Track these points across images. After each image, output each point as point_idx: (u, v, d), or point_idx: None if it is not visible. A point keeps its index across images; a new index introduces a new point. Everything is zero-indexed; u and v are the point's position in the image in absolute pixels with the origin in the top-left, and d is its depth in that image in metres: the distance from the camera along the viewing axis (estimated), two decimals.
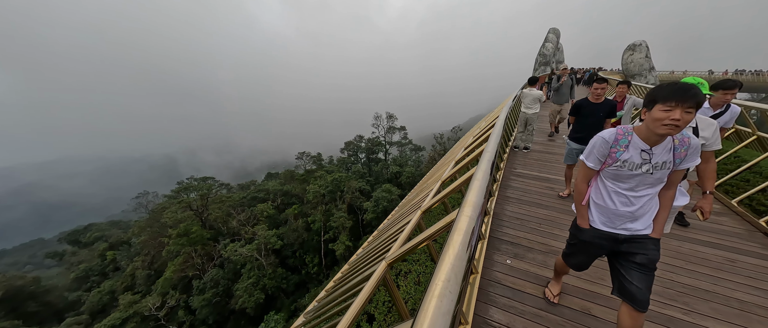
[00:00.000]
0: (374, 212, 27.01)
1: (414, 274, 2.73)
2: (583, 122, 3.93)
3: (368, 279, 1.65)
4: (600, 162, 1.72)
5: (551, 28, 32.25)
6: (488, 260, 2.95)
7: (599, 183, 1.80)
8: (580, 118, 3.98)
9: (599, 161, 1.72)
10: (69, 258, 40.63)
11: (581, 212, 1.89)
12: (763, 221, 3.55)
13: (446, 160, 6.92)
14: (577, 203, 1.92)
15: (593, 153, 1.73)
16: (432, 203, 2.38)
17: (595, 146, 1.71)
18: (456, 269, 0.82)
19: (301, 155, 43.13)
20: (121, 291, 26.73)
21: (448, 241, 0.97)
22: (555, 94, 7.76)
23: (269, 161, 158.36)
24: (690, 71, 40.21)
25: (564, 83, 7.50)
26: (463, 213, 1.15)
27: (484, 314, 2.34)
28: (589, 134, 3.68)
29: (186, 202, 30.16)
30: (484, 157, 1.87)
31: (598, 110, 3.82)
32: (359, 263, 2.73)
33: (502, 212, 3.90)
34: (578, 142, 3.95)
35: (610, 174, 1.69)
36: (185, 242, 24.86)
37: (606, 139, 1.66)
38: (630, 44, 28.56)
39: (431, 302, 0.71)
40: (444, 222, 1.44)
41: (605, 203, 1.74)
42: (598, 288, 2.56)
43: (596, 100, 3.83)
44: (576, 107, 3.99)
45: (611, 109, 3.82)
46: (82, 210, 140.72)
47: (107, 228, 48.27)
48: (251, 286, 22.20)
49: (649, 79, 26.92)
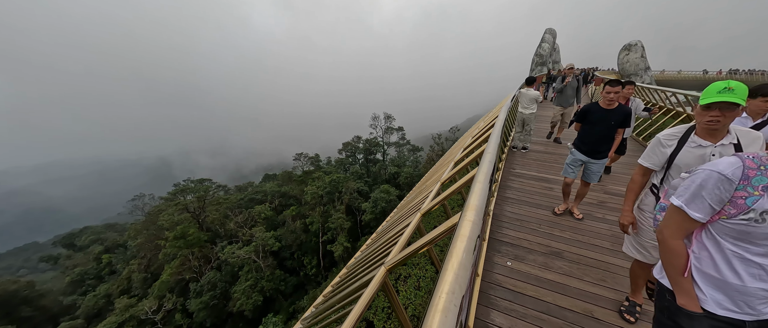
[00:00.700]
0: (373, 212, 26.93)
1: (414, 278, 2.68)
2: (590, 131, 3.36)
3: (367, 285, 1.60)
4: (712, 211, 1.14)
5: (547, 29, 32.41)
6: (489, 262, 2.91)
7: (707, 241, 1.19)
8: (588, 125, 3.38)
9: (712, 210, 1.14)
10: (64, 262, 40.14)
11: (683, 287, 1.23)
12: None
13: (445, 160, 6.88)
14: (671, 270, 1.27)
15: (702, 196, 1.14)
16: (432, 205, 2.33)
17: (707, 185, 1.13)
18: (460, 280, 0.78)
19: (299, 156, 42.96)
20: (117, 295, 26.43)
21: (450, 248, 0.92)
22: (558, 96, 6.87)
23: (265, 163, 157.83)
24: (685, 71, 40.58)
25: (569, 84, 6.64)
26: (465, 218, 1.10)
27: (486, 318, 2.29)
28: (598, 146, 3.34)
29: (183, 204, 29.91)
30: (485, 158, 1.82)
31: (609, 118, 3.24)
32: (357, 267, 2.67)
33: (501, 213, 3.87)
34: (585, 153, 3.43)
35: (732, 231, 1.11)
36: (182, 245, 24.64)
37: (727, 177, 1.09)
38: (625, 44, 28.80)
39: (435, 317, 0.67)
40: (445, 226, 1.39)
41: (721, 274, 1.14)
42: (600, 290, 2.53)
43: (608, 105, 3.23)
44: (582, 113, 3.40)
45: (625, 117, 3.22)
46: (77, 213, 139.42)
47: (103, 231, 47.80)
48: (249, 288, 22.04)
49: (644, 79, 27.13)
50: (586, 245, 3.17)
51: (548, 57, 30.74)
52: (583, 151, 3.44)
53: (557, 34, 32.91)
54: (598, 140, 3.35)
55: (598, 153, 3.38)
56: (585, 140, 3.42)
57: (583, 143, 3.44)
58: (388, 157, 43.69)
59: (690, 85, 38.55)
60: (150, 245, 28.98)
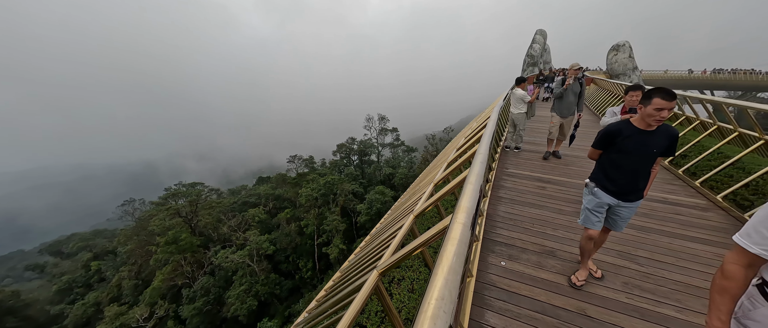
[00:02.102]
0: (368, 214, 26.88)
1: (407, 281, 2.66)
2: (621, 162, 2.28)
3: (359, 289, 1.57)
4: None
5: (538, 30, 32.87)
6: (483, 262, 2.91)
7: None
8: (616, 154, 2.29)
9: None
10: (51, 270, 39.08)
11: None
12: (748, 215, 3.63)
13: (439, 161, 6.90)
14: None
15: None
16: (425, 207, 2.32)
17: None
18: (450, 285, 0.76)
19: (293, 159, 42.69)
20: (106, 303, 25.80)
21: (441, 252, 0.90)
22: (557, 103, 5.70)
23: (254, 168, 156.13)
24: (671, 71, 41.59)
25: (569, 88, 5.48)
26: (456, 220, 1.09)
27: (480, 318, 2.29)
28: (633, 183, 2.29)
29: (174, 208, 29.39)
30: (476, 159, 1.82)
31: (649, 143, 2.16)
32: (351, 271, 2.65)
33: (495, 213, 3.88)
34: (613, 194, 2.36)
35: None
36: (174, 250, 24.20)
37: None
38: (614, 45, 29.37)
39: (424, 324, 0.65)
40: (437, 228, 1.38)
41: None
42: (593, 288, 2.55)
43: (648, 126, 2.14)
44: (608, 136, 2.31)
45: (671, 142, 2.16)
46: (64, 220, 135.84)
47: (91, 238, 46.67)
48: (243, 293, 21.75)
49: (632, 79, 27.71)
50: (578, 243, 3.19)
51: (539, 58, 31.17)
52: (611, 191, 2.36)
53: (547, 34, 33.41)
54: (632, 175, 2.27)
55: (632, 193, 2.32)
56: (613, 175, 2.34)
57: (610, 180, 2.35)
58: (382, 159, 43.70)
59: (676, 85, 39.52)
60: (141, 251, 28.40)
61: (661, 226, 3.56)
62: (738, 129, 5.15)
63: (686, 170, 5.17)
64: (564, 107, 5.63)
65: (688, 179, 4.99)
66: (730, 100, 5.03)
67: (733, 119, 5.17)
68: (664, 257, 2.97)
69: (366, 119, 43.76)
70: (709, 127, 6.13)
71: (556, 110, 5.74)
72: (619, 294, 2.48)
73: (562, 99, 5.62)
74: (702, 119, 6.64)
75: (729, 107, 5.07)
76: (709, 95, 8.06)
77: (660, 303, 2.39)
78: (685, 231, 3.43)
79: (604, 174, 2.42)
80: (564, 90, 5.56)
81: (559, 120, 5.70)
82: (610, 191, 2.37)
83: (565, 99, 5.59)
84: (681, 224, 3.59)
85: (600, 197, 2.42)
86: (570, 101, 5.57)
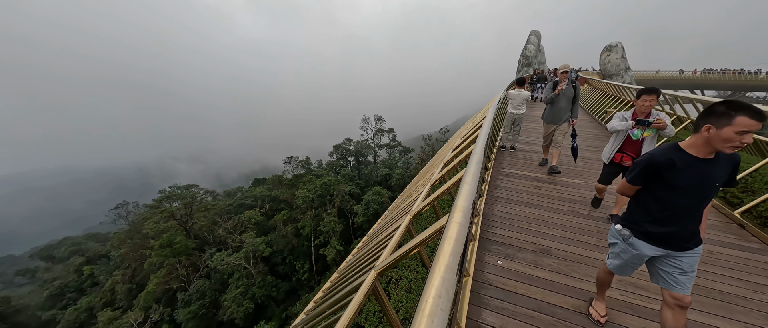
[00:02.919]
0: (365, 215, 26.86)
1: (405, 281, 2.67)
2: (672, 201, 1.72)
3: (357, 290, 1.58)
4: None
5: (532, 31, 33.24)
6: (479, 261, 2.93)
7: None
8: (665, 191, 1.73)
9: None
10: (42, 275, 38.31)
11: None
12: (737, 212, 3.70)
13: (435, 161, 6.93)
14: None
15: None
16: (422, 207, 2.33)
17: None
18: (447, 283, 0.77)
19: (289, 160, 42.50)
20: (100, 308, 25.37)
21: (438, 252, 0.92)
22: (549, 110, 5.17)
23: (247, 171, 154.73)
24: (662, 71, 42.27)
25: (562, 93, 4.92)
26: (453, 219, 1.10)
27: (477, 317, 2.30)
28: (688, 226, 1.73)
29: (169, 211, 29.08)
30: (472, 159, 1.83)
31: (711, 176, 1.66)
32: (348, 271, 2.65)
33: (491, 213, 3.91)
34: (661, 242, 1.79)
35: None
36: (169, 253, 23.92)
37: None
38: (606, 45, 29.79)
39: (421, 322, 0.66)
40: (434, 228, 1.39)
41: None
42: (589, 286, 2.58)
43: (709, 154, 1.63)
44: (654, 168, 1.73)
45: (734, 168, 1.71)
46: (55, 224, 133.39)
47: (83, 242, 45.89)
48: (240, 296, 21.57)
49: (625, 79, 28.12)
50: (573, 241, 3.23)
51: (534, 58, 31.49)
52: (656, 239, 1.78)
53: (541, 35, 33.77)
54: (687, 217, 1.72)
55: (688, 240, 1.76)
56: (659, 219, 1.76)
57: (656, 225, 1.77)
58: (379, 159, 43.72)
59: (667, 85, 40.18)
60: (135, 255, 28.01)
61: None
62: None
63: None
64: (555, 114, 5.08)
65: None
66: (720, 100, 5.12)
67: None
68: None
69: (362, 120, 43.77)
70: None
71: (547, 117, 5.20)
72: (613, 291, 2.51)
73: (554, 104, 5.08)
74: (693, 119, 6.77)
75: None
76: (699, 95, 8.21)
77: (653, 300, 2.42)
78: None
79: (645, 217, 1.82)
80: (555, 95, 4.97)
81: (551, 126, 5.19)
82: (655, 240, 1.79)
83: (557, 104, 5.04)
84: None
85: (639, 248, 1.85)
86: (562, 107, 5.00)
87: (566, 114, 5.01)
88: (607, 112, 10.34)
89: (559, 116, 5.04)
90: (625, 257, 1.94)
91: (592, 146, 7.12)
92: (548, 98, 5.10)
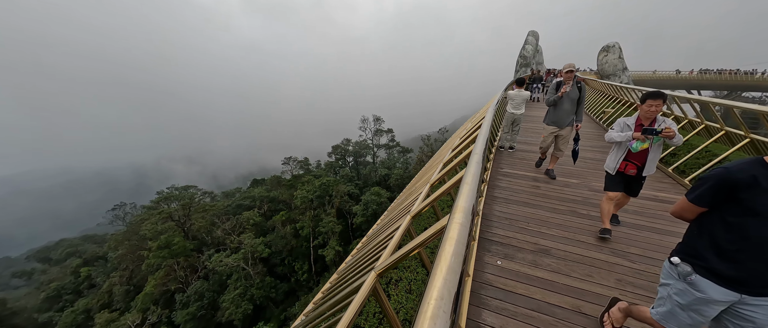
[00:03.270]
0: (364, 215, 26.84)
1: (405, 282, 2.66)
2: (751, 230, 1.33)
3: (357, 291, 1.57)
4: None
5: (530, 31, 33.33)
6: (479, 261, 2.93)
7: None
8: (739, 217, 1.36)
9: None
10: (39, 277, 38.10)
11: None
12: None
13: (434, 162, 6.93)
14: None
15: None
16: (421, 208, 2.33)
17: None
18: (449, 284, 0.76)
19: (288, 160, 42.41)
20: (97, 310, 25.20)
21: (439, 252, 0.91)
22: (551, 112, 4.86)
23: (244, 172, 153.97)
24: (659, 71, 42.52)
25: (566, 95, 4.56)
26: (454, 220, 1.09)
27: (477, 318, 2.30)
28: (766, 270, 1.34)
29: (167, 212, 28.95)
30: (472, 159, 1.83)
31: None
32: (348, 272, 2.64)
33: (490, 213, 3.91)
34: (733, 284, 1.40)
35: None
36: (167, 255, 23.81)
37: None
38: (604, 46, 29.93)
39: (424, 324, 0.65)
40: (434, 229, 1.39)
41: None
42: (588, 286, 2.59)
43: None
44: (728, 185, 1.37)
45: None
46: (51, 226, 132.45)
47: (80, 243, 45.64)
48: (238, 297, 21.49)
49: (622, 79, 28.25)
50: (572, 241, 3.24)
51: (532, 59, 31.58)
52: (727, 279, 1.41)
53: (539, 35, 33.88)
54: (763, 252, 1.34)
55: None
56: (731, 252, 1.39)
57: (726, 260, 1.41)
58: (378, 160, 43.71)
59: (664, 85, 40.41)
60: (132, 256, 27.87)
61: (652, 223, 3.63)
62: (724, 128, 5.29)
63: (675, 168, 5.29)
64: (558, 117, 4.71)
65: (677, 176, 5.10)
66: (717, 99, 5.17)
67: (719, 118, 5.31)
68: (656, 254, 3.02)
69: (361, 120, 43.76)
70: (697, 126, 6.29)
71: (549, 121, 4.87)
72: (612, 291, 2.52)
73: (557, 107, 4.70)
74: (690, 118, 6.81)
75: (715, 106, 5.22)
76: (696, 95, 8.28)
77: (652, 299, 2.43)
78: (676, 228, 3.50)
79: (710, 249, 1.44)
80: (557, 98, 4.61)
81: (554, 129, 4.81)
82: (726, 280, 1.40)
83: (560, 107, 4.66)
84: (671, 221, 3.66)
85: (704, 290, 1.44)
86: (566, 110, 4.62)
87: (570, 117, 4.69)
88: (604, 112, 10.38)
89: (563, 120, 4.71)
90: (685, 302, 1.48)
91: (592, 146, 7.15)
92: (551, 100, 4.74)
